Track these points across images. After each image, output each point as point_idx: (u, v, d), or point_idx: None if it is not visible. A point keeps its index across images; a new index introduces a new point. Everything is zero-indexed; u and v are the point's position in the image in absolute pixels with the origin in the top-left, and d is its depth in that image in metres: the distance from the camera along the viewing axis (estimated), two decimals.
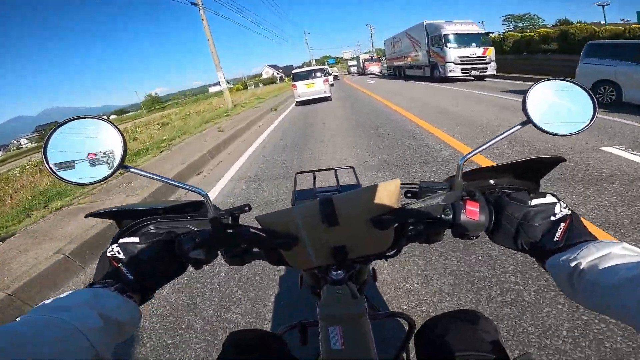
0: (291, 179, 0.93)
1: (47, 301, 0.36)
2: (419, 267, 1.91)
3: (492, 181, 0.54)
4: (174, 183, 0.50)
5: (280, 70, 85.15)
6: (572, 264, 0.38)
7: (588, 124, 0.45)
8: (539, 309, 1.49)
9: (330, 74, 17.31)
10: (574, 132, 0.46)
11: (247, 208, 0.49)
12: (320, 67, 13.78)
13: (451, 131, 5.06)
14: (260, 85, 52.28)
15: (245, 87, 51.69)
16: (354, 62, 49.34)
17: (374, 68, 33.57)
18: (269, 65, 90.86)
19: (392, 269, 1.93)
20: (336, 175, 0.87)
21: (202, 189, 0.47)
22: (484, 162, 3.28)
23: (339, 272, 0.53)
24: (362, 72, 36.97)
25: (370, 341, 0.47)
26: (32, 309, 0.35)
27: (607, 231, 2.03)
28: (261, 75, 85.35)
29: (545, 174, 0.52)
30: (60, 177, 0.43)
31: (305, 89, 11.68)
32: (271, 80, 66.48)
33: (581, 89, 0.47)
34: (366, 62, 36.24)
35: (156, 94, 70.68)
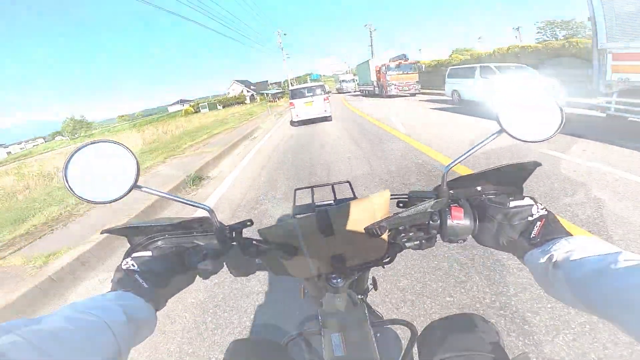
0: None
1: (76, 301, 0.38)
2: None
3: (478, 188, 0.57)
4: (182, 201, 0.54)
5: (252, 87, 70.57)
6: (546, 257, 0.41)
7: (556, 130, 0.47)
8: None
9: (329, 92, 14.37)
10: (544, 138, 0.48)
11: (249, 223, 0.55)
12: (319, 84, 11.71)
13: None
14: (219, 107, 38.10)
15: (197, 111, 37.33)
16: (348, 77, 36.07)
17: (405, 84, 17.35)
18: (237, 81, 72.67)
19: None
20: (333, 190, 0.91)
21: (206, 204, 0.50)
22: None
23: (339, 280, 0.56)
24: (379, 90, 19.12)
25: (373, 347, 0.50)
26: (61, 307, 0.36)
27: None
28: (228, 93, 70.10)
29: (526, 178, 0.55)
30: (79, 196, 0.45)
31: (303, 108, 10.89)
32: (238, 100, 52.03)
33: (548, 97, 0.49)
34: (389, 73, 17.63)
35: (82, 116, 54.17)
